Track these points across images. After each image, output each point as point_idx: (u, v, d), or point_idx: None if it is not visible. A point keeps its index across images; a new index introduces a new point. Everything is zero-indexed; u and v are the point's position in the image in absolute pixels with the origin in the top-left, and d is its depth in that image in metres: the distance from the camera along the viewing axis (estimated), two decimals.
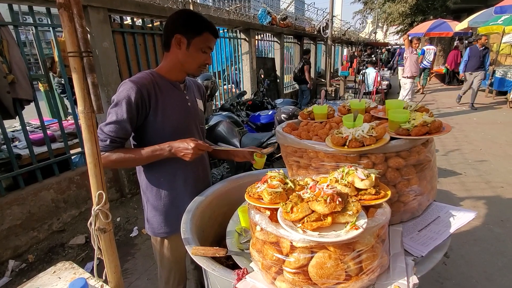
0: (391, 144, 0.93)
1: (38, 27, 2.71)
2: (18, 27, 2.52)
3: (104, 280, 0.94)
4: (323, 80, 9.85)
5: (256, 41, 6.67)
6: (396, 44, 26.45)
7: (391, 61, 14.81)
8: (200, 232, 1.19)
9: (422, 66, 9.41)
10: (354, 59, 10.24)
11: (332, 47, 9.62)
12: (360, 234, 0.67)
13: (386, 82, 8.82)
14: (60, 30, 2.95)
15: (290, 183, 0.86)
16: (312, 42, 10.55)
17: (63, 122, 3.04)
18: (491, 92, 8.75)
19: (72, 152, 3.00)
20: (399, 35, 16.90)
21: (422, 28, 10.77)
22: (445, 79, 11.95)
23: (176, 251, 1.42)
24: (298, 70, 7.46)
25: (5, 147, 2.53)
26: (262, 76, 6.20)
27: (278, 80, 7.83)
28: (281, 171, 0.92)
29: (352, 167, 0.84)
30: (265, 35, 7.39)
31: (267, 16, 6.88)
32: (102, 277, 0.94)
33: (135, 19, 3.63)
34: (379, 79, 7.21)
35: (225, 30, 5.64)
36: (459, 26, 9.52)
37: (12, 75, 2.32)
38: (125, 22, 3.67)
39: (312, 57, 9.84)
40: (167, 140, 1.21)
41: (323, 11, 10.38)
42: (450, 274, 2.18)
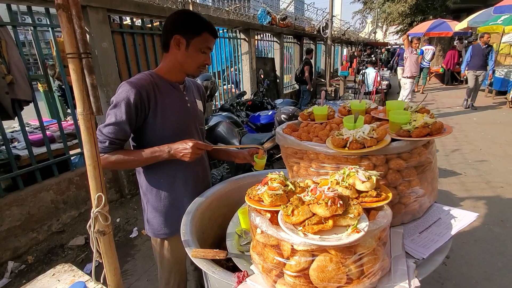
0: (392, 145, 0.93)
1: (37, 27, 2.69)
2: (17, 27, 2.50)
3: (104, 283, 0.94)
4: (323, 80, 9.83)
5: (256, 41, 6.65)
6: (396, 44, 26.44)
7: (391, 61, 14.80)
8: (200, 234, 1.19)
9: (421, 66, 9.40)
10: (354, 59, 10.23)
11: (332, 47, 9.61)
12: (361, 237, 0.66)
13: (386, 82, 8.81)
14: (59, 30, 2.92)
15: (290, 185, 0.85)
16: (311, 42, 10.54)
17: (62, 122, 3.03)
18: (490, 92, 8.75)
19: (71, 152, 2.99)
20: (399, 35, 16.91)
21: (421, 28, 10.80)
22: (444, 79, 11.95)
23: (177, 252, 1.42)
24: (299, 71, 7.43)
25: (4, 148, 2.52)
26: (262, 76, 6.19)
27: (277, 80, 7.81)
28: (282, 173, 0.92)
29: (353, 169, 0.83)
30: (264, 35, 7.38)
31: (267, 16, 6.86)
32: (101, 280, 0.93)
33: (134, 19, 3.62)
34: (379, 79, 7.20)
35: (224, 30, 5.62)
36: (458, 26, 9.55)
37: (11, 75, 2.31)
38: (125, 22, 3.66)
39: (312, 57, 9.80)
40: (167, 141, 1.21)
41: (323, 11, 10.38)
42: (450, 274, 2.18)
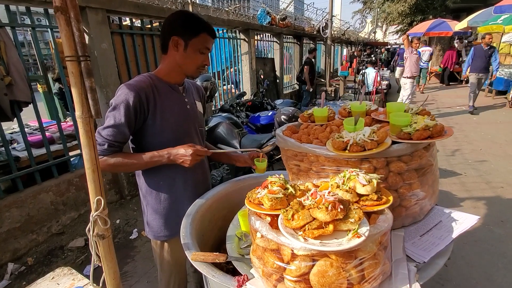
0: (393, 148, 0.92)
1: (36, 28, 2.68)
2: (16, 28, 2.50)
3: (103, 286, 0.93)
4: (323, 80, 9.82)
5: (256, 41, 6.64)
6: (396, 43, 26.43)
7: (391, 61, 14.79)
8: (200, 236, 1.18)
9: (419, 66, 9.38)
10: (354, 59, 10.20)
11: (332, 47, 9.58)
12: (362, 242, 0.66)
13: (386, 82, 8.80)
14: (58, 31, 2.92)
15: (290, 189, 0.85)
16: (311, 42, 10.54)
17: (62, 123, 3.02)
18: (490, 92, 8.74)
19: (71, 154, 2.98)
20: (399, 34, 16.89)
21: (421, 27, 10.78)
22: (443, 78, 11.94)
23: (177, 254, 1.41)
24: (300, 71, 7.39)
25: (3, 149, 2.51)
26: (262, 77, 6.18)
27: (277, 81, 7.80)
28: (282, 176, 0.91)
29: (353, 172, 0.83)
30: (264, 35, 7.36)
31: (267, 16, 6.85)
32: (100, 283, 0.93)
33: (134, 20, 3.61)
34: (378, 79, 7.19)
35: (224, 31, 5.62)
36: (458, 25, 9.53)
37: (10, 77, 2.31)
38: (124, 23, 3.65)
39: None
40: (166, 144, 1.21)
41: (323, 11, 10.37)
42: (450, 275, 2.17)
